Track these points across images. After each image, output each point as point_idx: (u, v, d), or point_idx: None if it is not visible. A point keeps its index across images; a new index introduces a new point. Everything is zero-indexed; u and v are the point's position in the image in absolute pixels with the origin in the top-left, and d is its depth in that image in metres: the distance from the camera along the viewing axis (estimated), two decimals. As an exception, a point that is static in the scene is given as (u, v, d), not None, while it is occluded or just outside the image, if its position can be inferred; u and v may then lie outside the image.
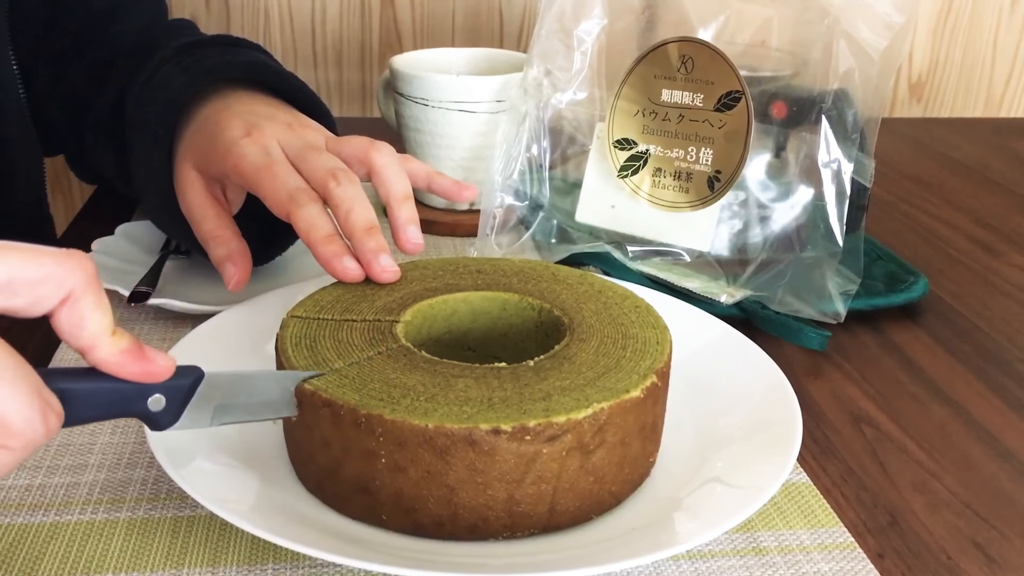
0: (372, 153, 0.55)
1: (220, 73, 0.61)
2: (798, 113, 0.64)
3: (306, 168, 0.53)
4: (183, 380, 0.39)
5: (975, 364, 0.61)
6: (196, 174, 0.58)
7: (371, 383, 0.42)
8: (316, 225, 0.51)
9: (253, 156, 0.54)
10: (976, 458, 0.51)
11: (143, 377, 0.37)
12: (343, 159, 0.54)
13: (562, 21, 0.70)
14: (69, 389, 0.35)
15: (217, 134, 0.56)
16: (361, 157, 0.55)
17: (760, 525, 0.45)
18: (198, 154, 0.58)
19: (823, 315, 0.62)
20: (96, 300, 0.34)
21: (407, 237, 0.53)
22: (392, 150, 0.56)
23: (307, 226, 0.51)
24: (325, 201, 0.52)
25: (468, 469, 0.39)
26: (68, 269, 0.34)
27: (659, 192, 0.67)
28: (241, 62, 0.62)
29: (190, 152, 0.58)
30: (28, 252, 0.33)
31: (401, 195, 0.54)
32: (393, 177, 0.54)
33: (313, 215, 0.51)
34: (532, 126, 0.71)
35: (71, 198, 1.24)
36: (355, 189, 0.52)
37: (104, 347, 0.35)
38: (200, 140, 0.58)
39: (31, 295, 0.33)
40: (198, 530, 0.43)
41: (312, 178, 0.53)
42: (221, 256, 0.57)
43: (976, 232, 0.83)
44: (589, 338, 0.46)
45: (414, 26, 1.18)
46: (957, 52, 1.28)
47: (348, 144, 0.55)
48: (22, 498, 0.45)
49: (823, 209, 0.63)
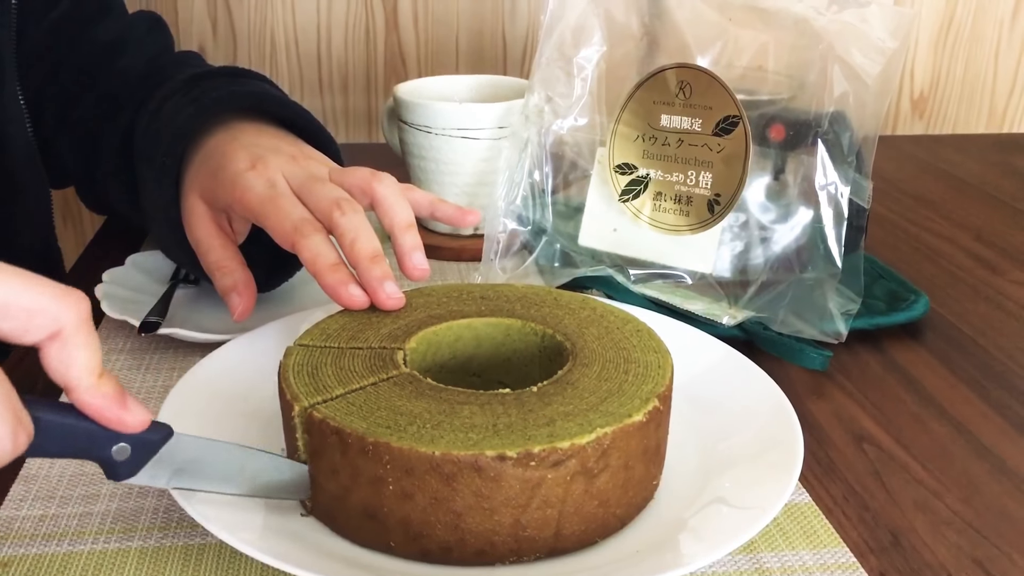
0: (374, 183, 0.56)
1: (226, 104, 0.62)
2: (795, 136, 0.65)
3: (311, 199, 0.54)
4: (153, 435, 0.40)
5: (977, 382, 0.61)
6: (203, 205, 0.59)
7: (378, 411, 0.42)
8: (321, 255, 0.52)
9: (258, 188, 0.55)
10: (978, 477, 0.52)
11: (116, 425, 0.37)
12: (346, 189, 0.55)
13: (562, 49, 0.71)
14: (43, 419, 0.36)
15: (223, 166, 0.57)
16: (364, 187, 0.56)
17: (763, 546, 0.45)
18: (205, 185, 0.59)
19: (824, 335, 0.63)
20: (86, 340, 0.35)
21: (413, 264, 0.54)
22: (394, 180, 0.57)
23: (312, 256, 0.52)
24: (330, 231, 0.53)
25: (474, 495, 0.40)
26: (64, 305, 0.35)
27: (660, 215, 0.68)
28: (247, 92, 0.64)
29: (197, 183, 0.59)
30: (29, 280, 0.35)
31: (404, 223, 0.55)
32: (396, 206, 0.55)
33: (318, 245, 0.52)
34: (534, 152, 0.72)
35: (81, 228, 1.26)
36: (359, 218, 0.53)
37: (86, 388, 0.36)
38: (206, 172, 0.59)
39: (23, 322, 0.34)
40: (209, 558, 0.44)
41: (317, 209, 0.54)
42: (226, 286, 0.58)
43: (978, 249, 0.83)
44: (591, 363, 0.47)
45: (418, 51, 1.20)
46: (959, 67, 1.29)
47: (351, 175, 0.57)
48: (36, 528, 0.46)
49: (822, 230, 0.64)
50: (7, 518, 0.46)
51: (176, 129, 0.61)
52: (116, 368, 0.60)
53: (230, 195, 0.56)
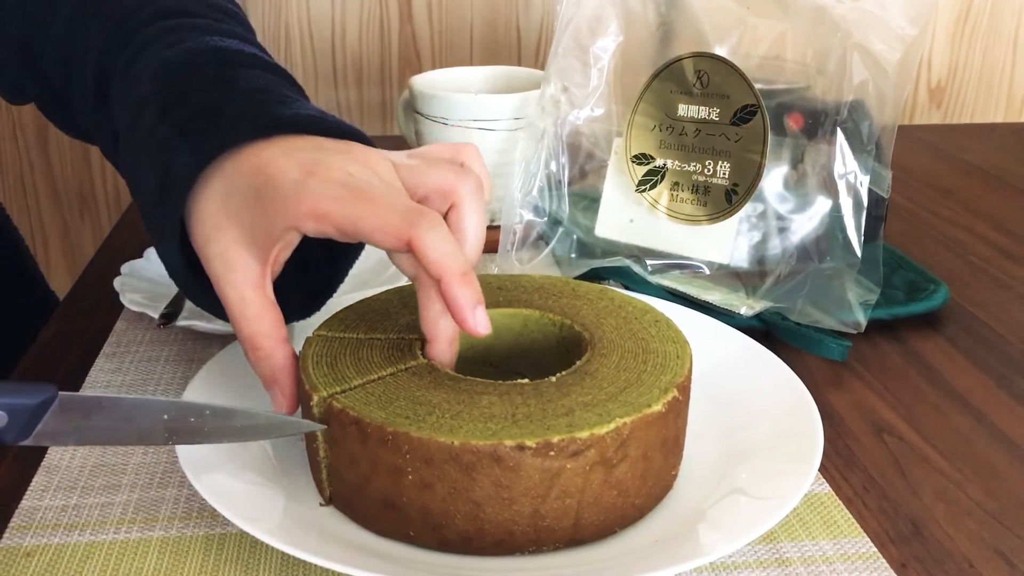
0: (459, 187, 0.45)
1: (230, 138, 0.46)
2: (814, 125, 0.65)
3: None
4: (29, 400, 0.39)
5: (997, 372, 0.61)
6: (239, 251, 0.45)
7: (397, 400, 0.42)
8: (451, 255, 0.42)
9: (333, 191, 0.43)
10: (999, 466, 0.51)
11: None
12: (425, 193, 0.46)
13: (578, 39, 0.70)
14: None
15: (265, 185, 0.44)
16: (446, 190, 0.46)
17: (783, 536, 0.45)
18: (242, 222, 0.45)
19: (843, 325, 0.62)
20: None
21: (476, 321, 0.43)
22: (479, 183, 0.46)
23: (439, 256, 0.41)
24: None
25: (494, 485, 0.40)
26: None
27: (677, 206, 0.68)
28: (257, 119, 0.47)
29: (227, 225, 0.45)
30: None
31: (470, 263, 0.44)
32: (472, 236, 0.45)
33: (445, 242, 0.42)
34: (550, 143, 0.72)
35: (99, 221, 1.27)
36: (445, 229, 0.43)
37: None
38: (238, 203, 0.45)
39: None
40: (230, 547, 0.44)
41: None
42: (267, 376, 0.46)
43: (997, 239, 0.83)
44: (610, 353, 0.47)
45: (432, 43, 1.20)
46: (976, 57, 1.28)
47: (431, 172, 0.46)
48: (58, 518, 0.46)
49: (841, 220, 0.63)
50: (29, 508, 0.47)
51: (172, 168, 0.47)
52: (135, 360, 0.61)
53: (295, 212, 0.43)
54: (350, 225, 0.42)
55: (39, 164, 1.23)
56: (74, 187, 1.25)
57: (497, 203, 0.77)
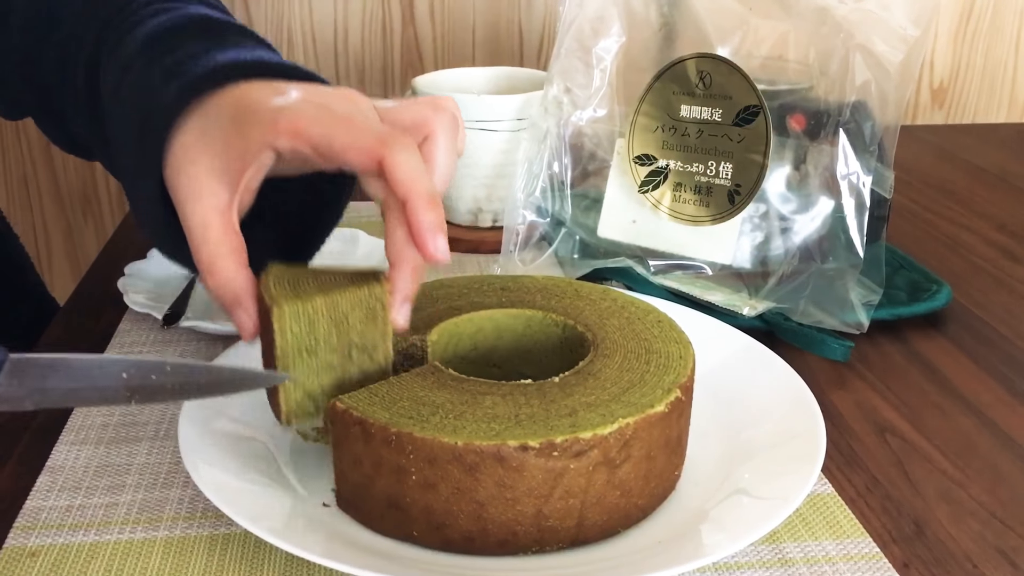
0: (435, 123, 0.46)
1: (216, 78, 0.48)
2: (816, 126, 0.65)
3: None
4: None
5: (999, 372, 0.61)
6: (208, 181, 0.45)
7: (400, 401, 0.42)
8: (420, 179, 0.42)
9: (312, 111, 0.44)
10: (1001, 466, 0.51)
11: None
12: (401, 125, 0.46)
13: (581, 40, 0.71)
14: None
15: (245, 111, 0.45)
16: (420, 125, 0.46)
17: (786, 536, 0.45)
18: (215, 152, 0.45)
19: (846, 325, 0.62)
20: None
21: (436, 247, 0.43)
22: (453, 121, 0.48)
23: (409, 177, 0.42)
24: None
25: (497, 485, 0.40)
26: None
27: (680, 206, 0.68)
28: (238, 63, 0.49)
29: (201, 156, 0.46)
30: None
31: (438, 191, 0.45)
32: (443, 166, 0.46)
33: (416, 163, 0.42)
34: (553, 143, 0.72)
35: (102, 222, 1.27)
36: (419, 157, 0.44)
37: None
38: (216, 133, 0.46)
39: None
40: (234, 547, 0.44)
41: None
42: (227, 300, 0.46)
43: (999, 239, 0.83)
44: (613, 354, 0.47)
45: (435, 44, 1.20)
46: (979, 57, 1.28)
47: (406, 110, 0.47)
48: (62, 518, 0.46)
49: (843, 220, 0.63)
50: (34, 508, 0.47)
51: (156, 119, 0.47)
52: (139, 360, 0.61)
53: (272, 129, 0.44)
54: (325, 143, 0.43)
55: (42, 165, 1.23)
56: (77, 188, 1.25)
57: (499, 204, 0.77)
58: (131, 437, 0.53)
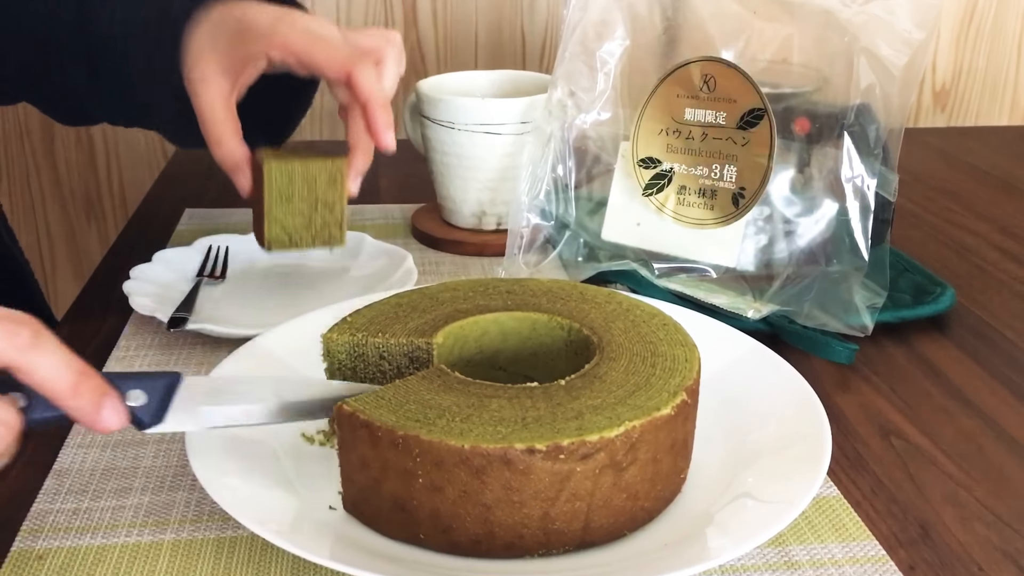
0: (386, 51, 0.62)
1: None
2: (820, 129, 0.65)
3: None
4: (159, 381, 0.42)
5: (1004, 374, 0.61)
6: (213, 73, 0.61)
7: (407, 404, 0.43)
8: (377, 88, 0.59)
9: (297, 31, 0.59)
10: (1007, 469, 0.51)
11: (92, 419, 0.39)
12: (361, 48, 0.61)
13: (585, 43, 0.71)
14: None
15: (246, 26, 0.60)
16: (376, 52, 0.62)
17: (791, 539, 0.45)
18: (221, 53, 0.61)
19: (850, 328, 0.62)
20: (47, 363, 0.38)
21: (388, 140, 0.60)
22: (400, 55, 0.63)
23: (369, 87, 0.58)
24: None
25: (504, 488, 0.40)
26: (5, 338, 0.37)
27: (684, 209, 0.68)
28: None
29: (209, 54, 0.61)
30: None
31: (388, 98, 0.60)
32: (389, 78, 0.62)
33: (374, 78, 0.59)
34: (557, 147, 0.72)
35: (104, 227, 1.27)
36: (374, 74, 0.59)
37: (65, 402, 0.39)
38: (221, 39, 0.61)
39: None
40: (241, 550, 0.45)
41: None
42: (230, 165, 0.62)
43: (1003, 241, 0.83)
44: (619, 357, 0.47)
45: (437, 47, 1.20)
46: (981, 60, 1.28)
47: (365, 37, 0.62)
48: (70, 522, 0.46)
49: (848, 223, 0.63)
50: (41, 512, 0.47)
51: (173, 10, 0.63)
52: (145, 364, 0.61)
53: (268, 42, 0.59)
54: (307, 56, 0.59)
55: (45, 169, 1.24)
56: (80, 192, 1.25)
57: (504, 207, 0.77)
58: (137, 440, 0.53)
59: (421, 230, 0.81)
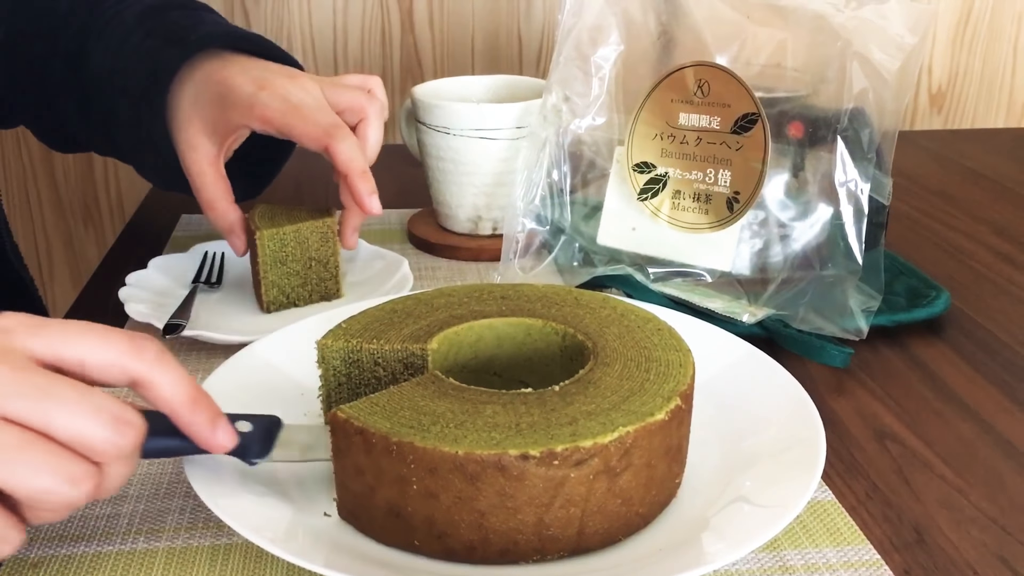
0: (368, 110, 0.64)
1: (205, 43, 0.64)
2: (814, 133, 0.65)
3: None
4: (263, 421, 0.46)
5: (999, 378, 0.61)
6: (201, 137, 0.63)
7: (402, 411, 0.43)
8: (356, 159, 0.60)
9: (276, 104, 0.61)
10: (1002, 473, 0.52)
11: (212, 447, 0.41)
12: (342, 108, 0.64)
13: (580, 48, 0.71)
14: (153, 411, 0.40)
15: (227, 94, 0.62)
16: (357, 109, 0.64)
17: (786, 544, 0.45)
18: (206, 116, 0.63)
19: (845, 332, 0.63)
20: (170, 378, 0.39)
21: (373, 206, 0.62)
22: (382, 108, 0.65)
23: (348, 158, 0.60)
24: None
25: (498, 494, 0.40)
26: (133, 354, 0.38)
27: (679, 214, 0.68)
28: (220, 32, 0.66)
29: (195, 116, 0.63)
30: (103, 334, 0.38)
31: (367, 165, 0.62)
32: (372, 145, 0.64)
33: (352, 148, 0.60)
34: (552, 152, 0.72)
35: (102, 231, 1.27)
36: (354, 140, 0.61)
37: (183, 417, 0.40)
38: (206, 103, 0.63)
39: (101, 375, 0.38)
40: (235, 557, 0.45)
41: None
42: (225, 228, 0.65)
43: (999, 244, 0.83)
44: (613, 362, 0.47)
45: (434, 52, 1.20)
46: (977, 62, 1.28)
47: (344, 95, 0.64)
48: (64, 529, 0.46)
49: (842, 227, 0.63)
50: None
51: (155, 68, 0.64)
52: (140, 370, 0.61)
53: (248, 115, 0.61)
54: (286, 129, 0.61)
55: (43, 174, 1.24)
56: (77, 197, 1.25)
57: (499, 212, 0.78)
58: (132, 447, 0.53)
59: (417, 235, 0.81)
